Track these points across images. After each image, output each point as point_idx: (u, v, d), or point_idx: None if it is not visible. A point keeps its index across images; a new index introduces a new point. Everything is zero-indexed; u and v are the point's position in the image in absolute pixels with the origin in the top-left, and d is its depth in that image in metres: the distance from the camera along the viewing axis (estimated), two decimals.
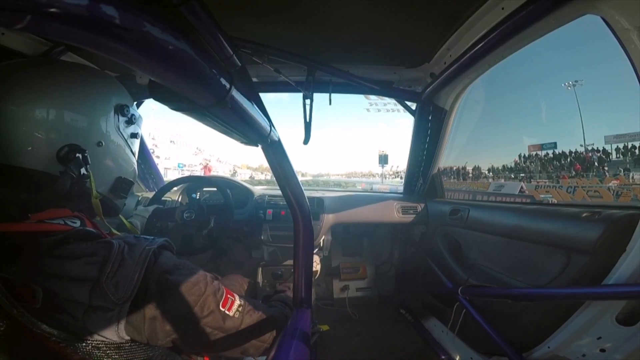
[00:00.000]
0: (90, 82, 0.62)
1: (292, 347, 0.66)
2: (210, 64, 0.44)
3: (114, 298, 0.46)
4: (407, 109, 1.66)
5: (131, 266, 0.49)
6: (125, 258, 0.49)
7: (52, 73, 0.58)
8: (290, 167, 0.90)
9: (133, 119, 0.70)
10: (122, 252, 0.49)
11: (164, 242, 0.58)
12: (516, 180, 13.10)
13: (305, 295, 0.95)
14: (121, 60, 0.32)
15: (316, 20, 1.00)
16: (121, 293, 0.46)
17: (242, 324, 0.63)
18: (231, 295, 0.63)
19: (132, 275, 0.48)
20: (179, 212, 1.36)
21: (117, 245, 0.50)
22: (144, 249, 0.52)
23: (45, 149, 0.54)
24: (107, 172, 0.65)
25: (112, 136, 0.65)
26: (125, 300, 0.47)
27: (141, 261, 0.50)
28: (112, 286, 0.46)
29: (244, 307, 0.64)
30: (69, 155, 0.55)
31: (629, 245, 0.75)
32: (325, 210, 1.74)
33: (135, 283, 0.48)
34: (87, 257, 0.48)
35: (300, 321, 0.85)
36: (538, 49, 7.58)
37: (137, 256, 0.50)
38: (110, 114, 0.64)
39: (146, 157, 1.92)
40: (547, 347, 0.94)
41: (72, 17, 0.24)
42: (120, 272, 0.47)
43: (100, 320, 0.47)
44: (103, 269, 0.46)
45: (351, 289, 2.13)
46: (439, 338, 1.57)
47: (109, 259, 0.47)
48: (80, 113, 0.58)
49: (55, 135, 0.55)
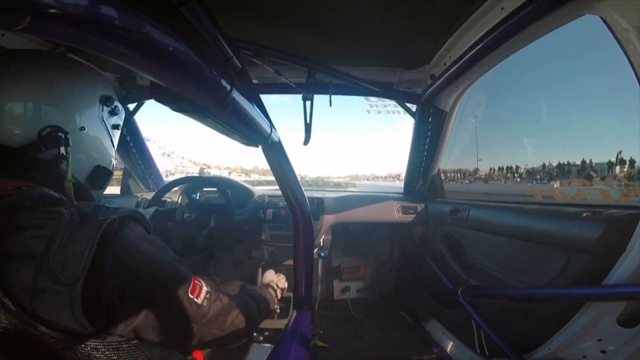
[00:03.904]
0: (78, 72, 0.64)
1: (291, 350, 0.66)
2: (211, 65, 0.44)
3: (62, 277, 0.40)
4: (408, 111, 1.66)
5: (81, 240, 0.42)
6: (74, 231, 0.42)
7: (39, 61, 0.59)
8: (290, 167, 0.90)
9: (116, 110, 0.71)
10: (72, 223, 0.43)
11: (131, 212, 0.51)
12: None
13: (305, 296, 0.95)
14: (121, 62, 0.32)
15: (316, 21, 1.01)
16: (69, 272, 0.40)
17: (209, 311, 0.59)
18: (199, 281, 0.59)
19: (82, 251, 0.41)
20: (179, 213, 1.37)
21: (67, 216, 0.43)
22: (97, 221, 0.44)
23: (27, 128, 0.54)
24: (86, 159, 0.65)
25: (96, 124, 0.66)
26: (75, 280, 0.40)
27: (93, 234, 0.43)
28: (59, 263, 0.40)
29: (211, 295, 0.60)
30: (50, 134, 0.54)
31: (629, 245, 0.74)
32: (325, 210, 1.75)
33: (85, 259, 0.41)
34: (34, 229, 0.42)
35: (300, 323, 0.84)
36: (538, 49, 7.52)
37: (89, 228, 0.43)
38: (95, 102, 0.65)
39: (146, 157, 1.92)
40: (548, 349, 0.94)
41: (72, 19, 0.24)
42: (70, 247, 0.41)
43: (51, 306, 0.41)
44: (51, 244, 0.40)
45: (352, 290, 2.13)
46: (439, 340, 1.57)
47: (57, 232, 0.41)
48: (67, 98, 0.60)
49: (38, 116, 0.55)
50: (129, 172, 1.96)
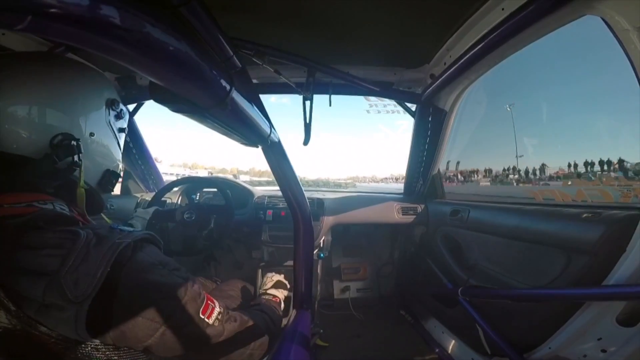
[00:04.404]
0: (84, 76, 0.64)
1: (291, 349, 0.66)
2: (211, 65, 0.44)
3: (70, 295, 0.41)
4: (407, 110, 1.66)
5: (95, 261, 0.43)
6: (90, 252, 0.44)
7: (48, 66, 0.59)
8: (290, 168, 0.90)
9: (122, 113, 0.71)
10: (89, 244, 0.44)
11: (146, 235, 0.53)
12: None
13: (305, 296, 0.95)
14: (121, 62, 0.32)
15: (317, 21, 1.01)
16: (80, 290, 0.41)
17: (224, 332, 0.60)
18: (212, 301, 0.59)
19: (95, 272, 0.43)
20: (179, 213, 1.36)
21: (84, 237, 0.45)
22: (113, 243, 0.46)
23: (38, 136, 0.54)
24: (97, 164, 0.66)
25: (104, 129, 0.66)
26: (84, 299, 0.41)
27: (108, 256, 0.44)
28: (70, 282, 0.41)
29: (222, 315, 0.61)
30: (62, 143, 0.54)
31: (629, 246, 0.75)
32: (325, 211, 1.74)
33: (97, 280, 0.42)
34: (51, 248, 0.44)
35: (300, 323, 0.84)
36: (538, 48, 7.50)
37: (105, 250, 0.45)
38: (102, 107, 0.65)
39: (146, 158, 1.92)
40: (548, 348, 0.94)
41: (73, 18, 0.24)
42: (83, 267, 0.42)
43: (55, 319, 0.43)
44: (64, 262, 0.42)
45: (352, 289, 2.13)
46: (439, 339, 1.57)
47: (72, 251, 0.43)
48: (75, 104, 0.60)
49: (49, 123, 0.55)
50: (128, 172, 1.96)
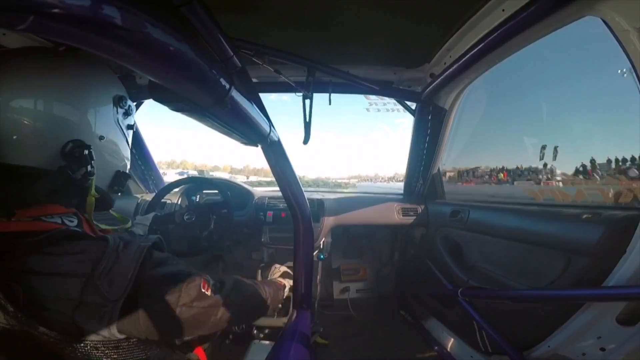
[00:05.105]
0: (90, 73, 0.60)
1: (291, 347, 0.66)
2: (211, 64, 0.44)
3: (107, 295, 0.45)
4: (407, 109, 1.66)
5: (126, 263, 0.49)
6: (120, 255, 0.49)
7: (51, 65, 0.55)
8: (290, 167, 0.90)
9: (130, 110, 0.69)
10: (117, 249, 0.50)
11: (157, 239, 0.59)
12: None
13: (305, 296, 0.95)
14: (122, 61, 0.32)
15: (316, 20, 1.01)
16: (115, 290, 0.46)
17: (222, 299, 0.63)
18: (206, 277, 0.63)
19: (127, 273, 0.48)
20: (179, 215, 1.36)
21: (112, 242, 0.50)
22: (138, 247, 0.52)
23: (48, 145, 0.52)
24: (107, 167, 0.64)
25: (113, 129, 0.63)
26: (119, 297, 0.46)
27: (136, 258, 0.50)
28: (106, 283, 0.46)
29: (215, 286, 0.64)
30: (73, 151, 0.53)
31: (629, 247, 0.75)
32: (325, 212, 1.74)
33: (129, 280, 0.48)
34: (76, 254, 0.47)
35: (300, 322, 0.85)
36: (539, 48, 7.41)
37: (132, 253, 0.50)
38: (110, 106, 0.62)
39: (146, 158, 1.92)
40: (548, 346, 0.94)
41: (74, 18, 0.24)
42: (115, 269, 0.47)
43: (92, 317, 0.46)
44: (97, 266, 0.46)
45: (351, 290, 2.13)
46: (438, 337, 1.57)
47: (103, 256, 0.47)
48: (82, 106, 0.56)
49: (57, 130, 0.53)
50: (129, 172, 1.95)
